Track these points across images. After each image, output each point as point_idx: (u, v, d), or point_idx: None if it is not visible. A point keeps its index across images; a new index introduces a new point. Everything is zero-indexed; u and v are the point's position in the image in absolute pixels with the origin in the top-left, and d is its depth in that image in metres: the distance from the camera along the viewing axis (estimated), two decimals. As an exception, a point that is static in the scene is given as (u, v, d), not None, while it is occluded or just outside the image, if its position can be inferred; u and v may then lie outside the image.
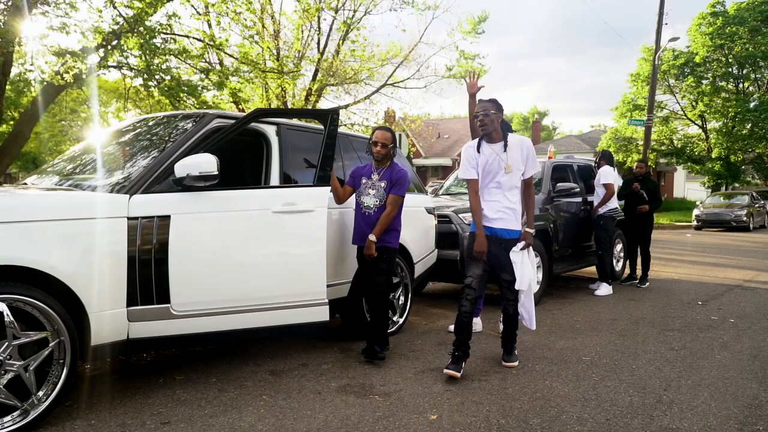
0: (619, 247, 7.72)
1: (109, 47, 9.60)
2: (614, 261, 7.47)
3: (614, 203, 6.74)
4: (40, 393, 2.69)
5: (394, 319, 4.62)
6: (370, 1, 16.05)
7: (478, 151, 3.69)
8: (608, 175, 6.68)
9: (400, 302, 4.70)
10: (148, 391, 3.20)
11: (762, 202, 20.61)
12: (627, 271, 7.63)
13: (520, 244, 3.65)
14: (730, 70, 25.99)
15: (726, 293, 6.63)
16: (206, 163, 3.05)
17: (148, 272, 3.02)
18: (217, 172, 3.07)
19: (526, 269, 3.66)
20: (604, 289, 6.61)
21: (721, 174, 25.48)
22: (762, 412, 2.96)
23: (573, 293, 6.68)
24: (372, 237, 3.71)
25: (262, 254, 3.34)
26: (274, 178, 3.79)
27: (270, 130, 3.87)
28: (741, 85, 26.72)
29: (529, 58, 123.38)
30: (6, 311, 2.55)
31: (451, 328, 4.64)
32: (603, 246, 6.75)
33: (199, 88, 11.41)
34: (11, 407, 2.60)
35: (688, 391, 3.28)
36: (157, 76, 10.15)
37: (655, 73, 19.56)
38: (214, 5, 11.50)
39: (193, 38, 11.66)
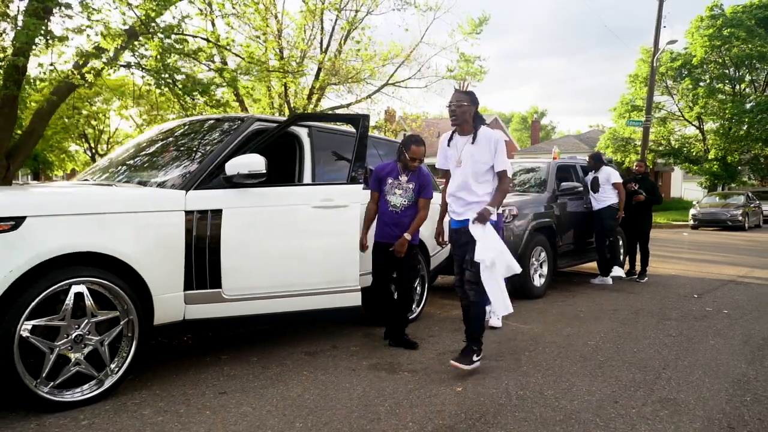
0: (619, 243, 8.09)
1: (119, 47, 9.86)
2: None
3: (616, 198, 7.14)
4: (113, 365, 3.04)
5: (413, 307, 4.97)
6: (371, 1, 16.38)
7: (449, 144, 3.78)
8: (617, 175, 7.14)
9: (418, 292, 5.06)
10: (199, 368, 3.56)
11: (757, 202, 21.04)
12: (627, 266, 8.01)
13: (473, 216, 3.55)
14: (726, 71, 26.43)
15: (720, 287, 7.01)
16: (255, 163, 3.40)
17: (202, 260, 3.36)
18: (265, 171, 3.42)
19: (487, 243, 3.47)
20: (618, 271, 7.14)
21: (718, 174, 25.89)
22: (749, 387, 3.33)
23: (576, 286, 7.06)
24: (407, 236, 4.01)
25: (302, 244, 3.70)
26: (307, 176, 4.15)
27: (303, 132, 4.22)
28: (737, 87, 27.15)
29: (529, 58, 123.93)
30: (86, 292, 2.90)
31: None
32: (611, 234, 7.21)
33: (212, 87, 11.72)
34: (89, 377, 2.95)
35: (684, 369, 3.66)
36: (166, 75, 10.43)
37: (653, 75, 19.96)
38: (223, 5, 11.78)
39: (200, 38, 11.90)
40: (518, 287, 6.11)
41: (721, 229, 18.86)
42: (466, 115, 3.65)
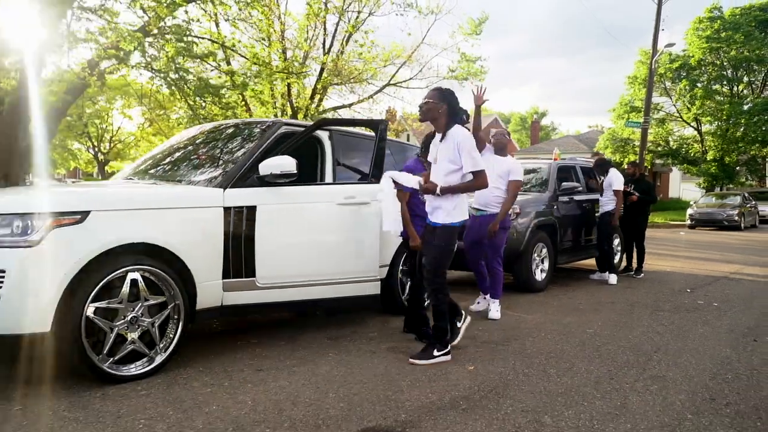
0: (616, 241, 8.46)
1: (134, 48, 10.18)
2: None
3: (614, 204, 7.48)
4: (161, 344, 3.40)
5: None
6: (373, 3, 16.68)
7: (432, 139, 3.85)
8: (619, 182, 7.38)
9: (428, 284, 5.42)
10: (234, 350, 3.91)
11: (754, 202, 21.43)
12: (624, 263, 8.38)
13: (416, 179, 3.72)
14: (724, 73, 26.82)
15: (713, 283, 7.38)
16: (287, 164, 3.77)
17: (238, 251, 3.73)
18: (295, 171, 3.78)
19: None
20: (614, 278, 7.34)
21: (716, 175, 26.26)
22: (731, 367, 3.70)
23: (576, 281, 7.43)
24: None
25: (328, 238, 4.08)
26: (329, 175, 4.51)
27: (324, 135, 4.58)
28: (735, 89, 27.54)
29: (529, 58, 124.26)
30: (140, 279, 3.26)
31: (472, 307, 5.36)
32: (610, 241, 7.51)
33: (222, 90, 12.09)
34: (141, 354, 3.31)
35: (674, 353, 4.03)
36: (176, 76, 10.75)
37: (652, 77, 20.35)
38: (229, 6, 12.06)
39: (205, 38, 12.16)
40: (521, 281, 6.49)
41: (718, 228, 19.24)
42: (433, 113, 3.61)
